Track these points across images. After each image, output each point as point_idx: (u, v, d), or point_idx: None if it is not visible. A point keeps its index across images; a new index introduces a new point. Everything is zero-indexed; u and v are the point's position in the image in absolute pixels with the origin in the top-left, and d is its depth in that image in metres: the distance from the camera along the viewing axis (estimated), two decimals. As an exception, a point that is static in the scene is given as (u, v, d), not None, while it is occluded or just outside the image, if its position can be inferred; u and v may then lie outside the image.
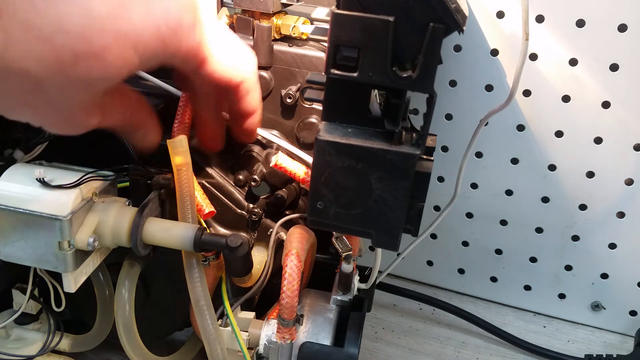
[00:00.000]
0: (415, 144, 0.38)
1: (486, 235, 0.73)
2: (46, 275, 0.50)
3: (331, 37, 0.35)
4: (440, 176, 0.71)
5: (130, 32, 0.33)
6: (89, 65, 0.32)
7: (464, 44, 0.63)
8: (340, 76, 0.36)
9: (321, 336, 0.48)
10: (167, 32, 0.35)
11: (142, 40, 0.34)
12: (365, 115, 0.39)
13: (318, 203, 0.40)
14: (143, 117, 0.43)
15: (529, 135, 0.65)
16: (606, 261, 0.69)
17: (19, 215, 0.42)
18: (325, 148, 0.38)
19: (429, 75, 0.35)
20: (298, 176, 0.48)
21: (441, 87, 0.65)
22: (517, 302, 0.76)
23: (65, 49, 0.31)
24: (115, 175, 0.47)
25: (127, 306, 0.50)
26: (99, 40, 0.32)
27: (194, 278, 0.47)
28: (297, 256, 0.45)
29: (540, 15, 0.60)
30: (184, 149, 0.46)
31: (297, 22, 0.50)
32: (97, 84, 0.34)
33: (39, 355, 0.53)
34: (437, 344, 0.70)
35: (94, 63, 0.32)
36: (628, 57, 0.59)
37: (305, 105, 0.51)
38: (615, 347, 0.71)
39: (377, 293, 0.67)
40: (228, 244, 0.44)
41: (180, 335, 0.61)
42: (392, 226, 0.40)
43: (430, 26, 0.34)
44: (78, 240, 0.43)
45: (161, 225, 0.45)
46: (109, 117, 0.39)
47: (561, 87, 0.62)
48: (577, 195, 0.67)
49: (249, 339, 0.49)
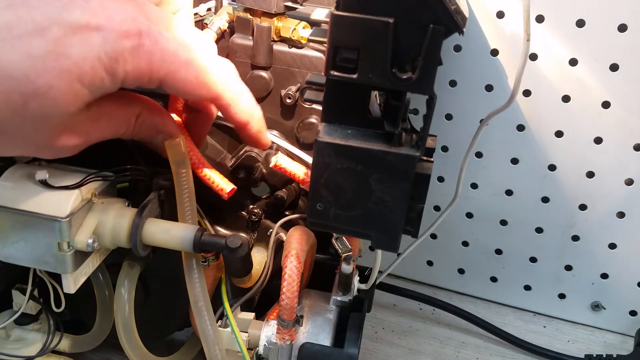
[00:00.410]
0: (415, 145, 0.37)
1: (486, 235, 0.73)
2: (46, 276, 0.50)
3: (331, 39, 0.35)
4: (441, 176, 0.71)
5: (73, 68, 0.34)
6: (39, 104, 0.34)
7: (464, 44, 0.63)
8: (340, 77, 0.36)
9: (321, 337, 0.48)
10: (109, 61, 0.35)
11: (85, 72, 0.35)
12: (365, 116, 0.39)
13: (318, 204, 0.40)
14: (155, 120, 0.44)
15: (529, 135, 0.65)
16: (606, 261, 0.69)
17: (19, 216, 0.42)
18: (325, 149, 0.38)
19: (429, 77, 0.35)
20: (298, 177, 0.48)
21: (441, 88, 0.65)
22: (517, 302, 0.76)
23: (14, 93, 0.33)
24: (115, 176, 0.47)
25: (126, 307, 0.50)
26: (43, 79, 0.34)
27: (193, 279, 0.46)
28: (297, 257, 0.45)
29: (540, 15, 0.60)
30: (183, 150, 0.46)
31: (297, 25, 0.50)
32: (54, 118, 0.36)
33: (38, 355, 0.53)
34: (437, 344, 0.70)
35: (43, 102, 0.34)
36: (628, 57, 0.59)
37: (305, 105, 0.51)
38: (615, 347, 0.71)
39: (377, 293, 0.66)
40: (228, 245, 0.44)
41: (180, 335, 0.61)
42: (392, 227, 0.40)
43: (430, 28, 0.34)
44: (77, 241, 0.43)
45: (161, 226, 0.45)
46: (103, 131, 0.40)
47: (561, 87, 0.62)
48: (577, 195, 0.67)
49: (248, 340, 0.49)
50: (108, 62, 0.35)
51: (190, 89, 0.40)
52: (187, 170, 0.46)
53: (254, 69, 0.51)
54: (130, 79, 0.37)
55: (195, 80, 0.39)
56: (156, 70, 0.37)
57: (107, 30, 0.35)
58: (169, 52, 0.38)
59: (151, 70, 0.37)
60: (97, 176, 0.45)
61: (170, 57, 0.38)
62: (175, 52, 0.38)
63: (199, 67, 0.39)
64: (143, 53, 0.36)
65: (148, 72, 0.37)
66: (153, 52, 0.37)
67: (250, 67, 0.51)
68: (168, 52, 0.37)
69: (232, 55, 0.51)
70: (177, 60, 0.38)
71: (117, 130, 0.42)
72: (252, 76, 0.51)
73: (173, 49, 0.38)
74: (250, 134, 0.45)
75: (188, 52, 0.39)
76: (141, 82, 0.37)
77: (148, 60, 0.36)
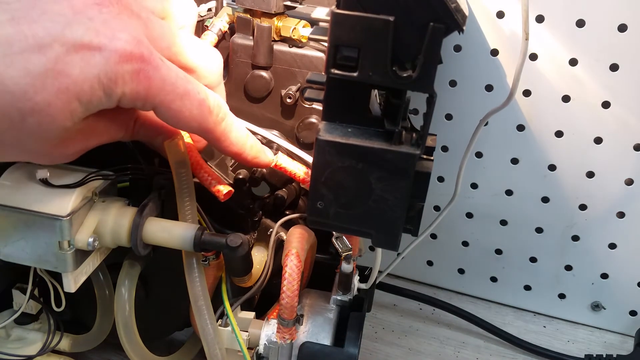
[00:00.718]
0: (415, 143, 0.38)
1: (486, 235, 0.73)
2: (46, 275, 0.50)
3: (331, 37, 0.35)
4: (440, 176, 0.71)
5: (71, 86, 0.34)
6: (36, 120, 0.34)
7: (464, 44, 0.63)
8: (340, 76, 0.36)
9: (321, 336, 0.48)
10: (108, 82, 0.35)
11: (84, 92, 0.35)
12: (365, 115, 0.39)
13: (318, 203, 0.40)
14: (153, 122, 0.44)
15: (529, 135, 0.65)
16: (606, 261, 0.69)
17: (19, 214, 0.42)
18: (325, 148, 0.38)
19: (429, 75, 0.35)
20: (298, 176, 0.48)
21: (441, 87, 0.65)
22: (517, 302, 0.76)
23: (11, 108, 0.33)
24: (115, 175, 0.47)
25: (127, 306, 0.50)
26: (41, 97, 0.34)
27: (193, 278, 0.47)
28: (297, 256, 0.45)
29: (540, 15, 0.60)
30: (182, 150, 0.46)
31: (297, 24, 0.50)
32: (51, 133, 0.36)
33: (39, 355, 0.53)
34: (437, 344, 0.70)
35: (40, 118, 0.34)
36: (628, 57, 0.59)
37: (305, 105, 0.51)
38: (615, 347, 0.71)
39: (377, 293, 0.66)
40: (228, 244, 0.44)
41: (180, 335, 0.61)
42: (392, 226, 0.40)
43: (430, 26, 0.34)
44: (78, 240, 0.43)
45: (161, 225, 0.45)
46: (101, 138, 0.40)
47: (561, 87, 0.62)
48: (577, 195, 0.67)
49: (248, 339, 0.49)
50: (107, 83, 0.35)
51: (182, 122, 0.39)
52: (187, 170, 0.46)
53: (254, 68, 0.51)
54: (126, 100, 0.36)
55: (188, 113, 0.39)
56: (152, 97, 0.37)
57: (109, 51, 0.34)
58: (168, 82, 0.37)
59: (147, 95, 0.37)
60: (97, 175, 0.46)
61: (168, 87, 0.37)
62: (175, 83, 0.38)
63: (193, 102, 0.39)
64: (143, 78, 0.36)
65: (144, 97, 0.37)
66: (152, 78, 0.36)
67: (251, 67, 0.51)
68: (167, 82, 0.37)
69: (233, 55, 0.51)
70: (175, 91, 0.38)
71: (114, 135, 0.42)
72: (252, 76, 0.51)
73: (173, 79, 0.38)
74: (247, 161, 0.45)
75: (186, 85, 0.38)
76: (135, 105, 0.37)
77: (146, 86, 0.36)
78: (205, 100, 0.40)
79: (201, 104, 0.39)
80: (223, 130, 0.42)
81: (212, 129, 0.41)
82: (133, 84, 0.36)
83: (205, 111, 0.40)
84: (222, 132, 0.42)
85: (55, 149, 0.38)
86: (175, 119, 0.39)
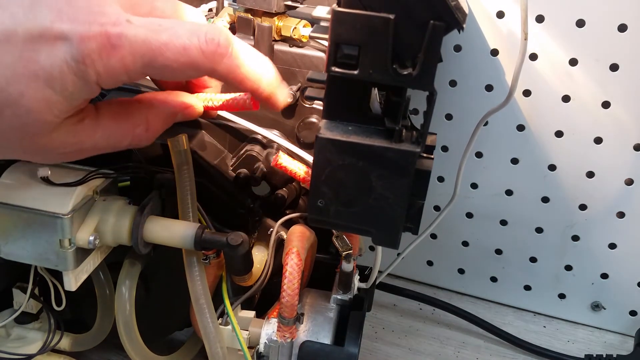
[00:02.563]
0: (415, 141, 0.38)
1: (486, 235, 0.73)
2: (47, 274, 0.50)
3: (332, 35, 0.36)
4: (440, 176, 0.71)
5: (40, 73, 0.33)
6: (13, 112, 0.34)
7: (464, 43, 0.63)
8: (341, 74, 0.36)
9: (321, 335, 0.48)
10: (76, 65, 0.34)
11: (54, 78, 0.34)
12: (365, 113, 0.39)
13: (318, 201, 0.40)
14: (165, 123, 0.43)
15: (529, 135, 0.65)
16: (606, 261, 0.70)
17: (20, 213, 0.42)
18: (326, 146, 0.38)
19: (429, 73, 0.35)
20: (298, 175, 0.48)
21: (441, 87, 0.65)
22: (517, 302, 0.76)
23: None
24: (116, 174, 0.47)
25: (127, 305, 0.50)
26: (12, 87, 0.33)
27: (194, 276, 0.47)
28: (298, 255, 0.45)
29: (540, 15, 0.60)
30: (185, 148, 0.46)
31: (298, 24, 0.50)
32: (33, 127, 0.35)
33: (39, 354, 0.53)
34: (437, 344, 0.70)
35: (16, 110, 0.34)
36: (628, 57, 0.59)
37: (305, 104, 0.51)
38: (615, 347, 0.71)
39: (377, 293, 0.66)
40: (229, 242, 0.44)
41: (180, 335, 0.61)
42: (393, 224, 0.40)
43: (431, 24, 0.34)
44: (79, 239, 0.43)
45: (162, 224, 0.45)
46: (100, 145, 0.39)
47: (561, 87, 0.62)
48: (577, 195, 0.67)
49: (249, 338, 0.49)
50: (76, 66, 0.34)
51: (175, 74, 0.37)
52: (189, 168, 0.46)
53: (254, 68, 0.51)
54: (106, 79, 0.35)
55: (175, 65, 0.36)
56: (131, 65, 0.35)
57: (71, 34, 0.33)
58: (138, 44, 0.35)
59: (126, 66, 0.35)
60: (98, 174, 0.46)
61: (140, 49, 0.35)
62: (146, 41, 0.35)
63: (176, 51, 0.36)
64: (111, 52, 0.34)
65: (123, 69, 0.35)
66: (120, 47, 0.34)
67: (251, 66, 0.51)
68: (137, 44, 0.35)
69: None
70: (150, 48, 0.35)
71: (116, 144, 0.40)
72: (253, 75, 0.51)
73: (142, 39, 0.35)
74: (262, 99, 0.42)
75: (159, 36, 0.35)
76: (122, 80, 0.36)
77: (119, 58, 0.34)
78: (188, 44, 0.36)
79: (186, 48, 0.36)
80: (227, 67, 0.38)
81: (212, 70, 0.38)
82: (103, 61, 0.34)
83: (195, 54, 0.36)
84: (226, 70, 0.38)
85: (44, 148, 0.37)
86: (167, 74, 0.37)
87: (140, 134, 0.41)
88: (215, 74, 0.39)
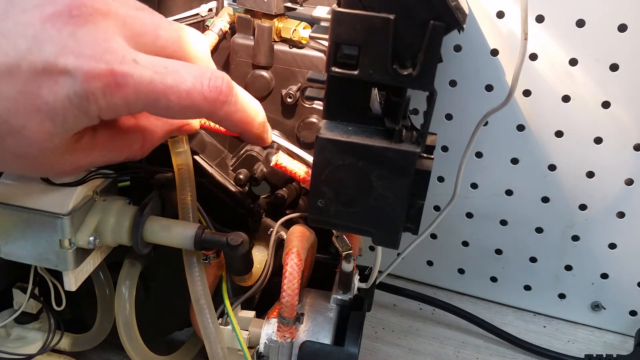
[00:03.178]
0: (415, 142, 0.38)
1: (486, 235, 0.73)
2: (46, 274, 0.50)
3: (332, 35, 0.36)
4: (440, 176, 0.71)
5: (43, 108, 0.33)
6: (14, 142, 0.34)
7: (464, 44, 0.63)
8: (341, 74, 0.36)
9: (321, 335, 0.48)
10: (79, 101, 0.34)
11: (57, 113, 0.34)
12: (365, 113, 0.39)
13: (318, 201, 0.40)
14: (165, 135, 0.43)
15: (529, 135, 0.65)
16: (606, 261, 0.69)
17: (20, 213, 0.42)
18: (326, 146, 0.38)
19: (429, 73, 0.35)
20: (298, 176, 0.48)
21: (441, 87, 0.65)
22: (517, 302, 0.76)
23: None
24: (116, 174, 0.47)
25: (127, 305, 0.50)
26: (14, 120, 0.33)
27: (194, 277, 0.47)
28: (298, 255, 0.45)
29: (540, 15, 0.60)
30: (185, 149, 0.46)
31: (297, 26, 0.50)
32: (31, 154, 0.35)
33: (39, 354, 0.53)
34: (437, 344, 0.70)
35: (18, 140, 0.34)
36: (628, 57, 0.59)
37: (305, 104, 0.51)
38: (615, 347, 0.71)
39: (377, 293, 0.66)
40: (229, 242, 0.44)
41: (180, 335, 0.61)
42: (393, 224, 0.40)
43: (431, 24, 0.34)
44: (79, 239, 0.43)
45: (162, 224, 0.45)
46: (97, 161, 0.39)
47: (561, 87, 0.62)
48: (577, 195, 0.67)
49: (249, 338, 0.49)
50: (79, 102, 0.34)
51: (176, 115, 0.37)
52: (189, 168, 0.46)
53: (255, 68, 0.51)
54: (107, 113, 0.35)
55: (177, 108, 0.36)
56: (133, 104, 0.35)
57: (76, 70, 0.33)
58: (143, 85, 0.35)
59: (127, 104, 0.35)
60: (98, 174, 0.46)
61: (145, 90, 0.35)
62: (151, 83, 0.35)
63: (180, 95, 0.36)
64: (115, 90, 0.34)
65: (125, 106, 0.35)
66: (125, 86, 0.34)
67: (252, 67, 0.51)
68: (142, 85, 0.35)
69: (234, 55, 0.51)
70: (154, 90, 0.35)
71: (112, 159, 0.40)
72: (253, 76, 0.51)
73: (147, 80, 0.35)
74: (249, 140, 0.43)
75: (165, 80, 0.35)
76: (121, 114, 0.36)
77: (122, 96, 0.34)
78: (193, 89, 0.36)
79: (190, 93, 0.36)
80: (225, 113, 0.38)
81: (211, 114, 0.38)
82: (106, 98, 0.34)
83: (197, 99, 0.37)
84: (224, 115, 0.39)
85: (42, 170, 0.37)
86: (167, 115, 0.37)
87: (136, 151, 0.41)
88: (212, 117, 0.39)
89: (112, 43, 0.35)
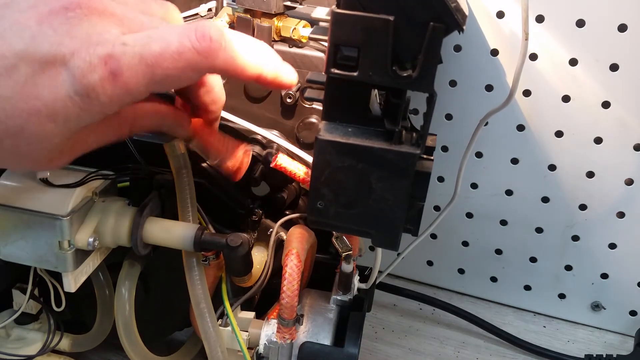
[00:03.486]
0: (415, 143, 0.38)
1: (486, 235, 0.73)
2: (46, 275, 0.50)
3: (331, 37, 0.35)
4: (440, 176, 0.71)
5: (43, 109, 0.33)
6: (13, 143, 0.34)
7: (464, 44, 0.63)
8: (341, 75, 0.36)
9: (321, 336, 0.48)
10: (80, 98, 0.33)
11: (57, 112, 0.33)
12: (365, 114, 0.39)
13: (318, 202, 0.40)
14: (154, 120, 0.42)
15: (529, 135, 0.65)
16: (606, 261, 0.69)
17: (20, 214, 0.42)
18: (326, 147, 0.38)
19: (429, 75, 0.35)
20: (298, 176, 0.48)
21: (441, 87, 0.65)
22: (517, 302, 0.76)
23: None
24: (115, 175, 0.47)
25: (127, 306, 0.50)
26: (12, 122, 0.33)
27: (194, 278, 0.47)
28: (297, 256, 0.45)
29: (540, 15, 0.60)
30: (182, 152, 0.46)
31: (297, 25, 0.50)
32: (30, 154, 0.35)
33: (39, 355, 0.53)
34: (437, 344, 0.70)
35: (16, 141, 0.34)
36: (628, 57, 0.59)
37: (305, 105, 0.51)
38: (615, 347, 0.71)
39: (377, 293, 0.66)
40: (228, 243, 0.44)
41: (180, 335, 0.61)
42: (392, 226, 0.40)
43: (430, 25, 0.34)
44: (78, 240, 0.43)
45: (161, 225, 0.45)
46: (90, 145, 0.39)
47: (561, 87, 0.62)
48: (577, 195, 0.67)
49: (249, 339, 0.49)
50: (79, 100, 0.33)
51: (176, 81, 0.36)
52: (187, 171, 0.46)
53: (254, 68, 0.51)
54: (110, 106, 0.35)
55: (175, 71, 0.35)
56: (135, 87, 0.34)
57: (73, 67, 0.33)
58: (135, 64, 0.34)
59: (129, 90, 0.34)
60: (97, 175, 0.46)
61: (138, 68, 0.34)
62: (142, 59, 0.34)
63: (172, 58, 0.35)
64: (113, 81, 0.33)
65: (127, 93, 0.34)
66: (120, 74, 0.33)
67: (251, 67, 0.51)
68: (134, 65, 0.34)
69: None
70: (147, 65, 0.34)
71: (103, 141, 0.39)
72: (252, 76, 0.51)
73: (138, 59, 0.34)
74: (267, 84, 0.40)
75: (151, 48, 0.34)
76: (127, 103, 0.35)
77: (122, 85, 0.34)
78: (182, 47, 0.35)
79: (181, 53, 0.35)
80: (224, 60, 0.37)
81: (211, 66, 0.36)
82: (107, 90, 0.34)
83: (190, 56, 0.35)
84: (224, 63, 0.37)
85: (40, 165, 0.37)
86: (170, 84, 0.36)
87: (124, 134, 0.41)
88: (215, 69, 0.37)
89: (106, 35, 0.34)
